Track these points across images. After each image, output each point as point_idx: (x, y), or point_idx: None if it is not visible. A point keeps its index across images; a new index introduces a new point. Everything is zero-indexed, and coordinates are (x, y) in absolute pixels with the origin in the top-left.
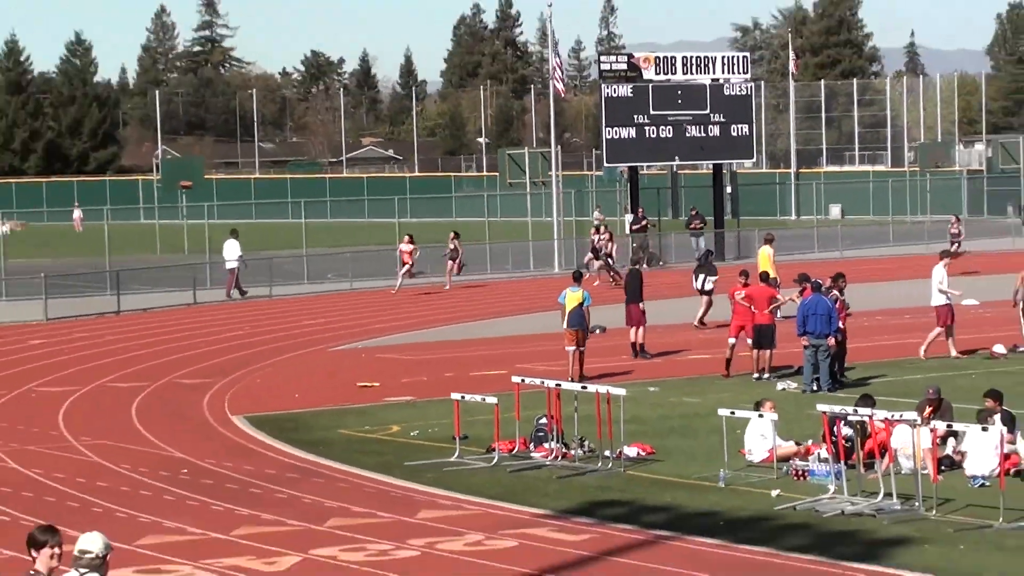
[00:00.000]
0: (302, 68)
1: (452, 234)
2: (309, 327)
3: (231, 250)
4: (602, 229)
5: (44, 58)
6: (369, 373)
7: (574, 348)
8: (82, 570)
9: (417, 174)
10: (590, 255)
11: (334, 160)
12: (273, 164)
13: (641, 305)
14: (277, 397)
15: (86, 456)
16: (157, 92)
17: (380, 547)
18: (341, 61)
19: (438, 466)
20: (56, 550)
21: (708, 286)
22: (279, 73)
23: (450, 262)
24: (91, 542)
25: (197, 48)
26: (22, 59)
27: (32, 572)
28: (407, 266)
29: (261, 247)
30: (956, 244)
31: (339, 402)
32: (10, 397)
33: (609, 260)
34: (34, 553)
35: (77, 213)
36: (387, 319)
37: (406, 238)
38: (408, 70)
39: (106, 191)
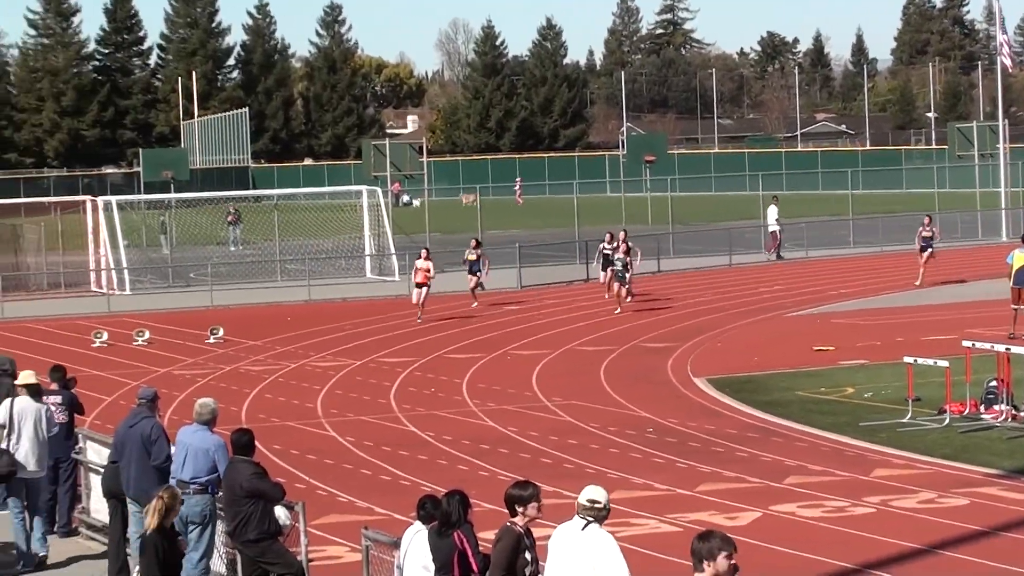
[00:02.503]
0: (758, 48)
1: (473, 242)
2: (767, 294)
3: (772, 215)
4: (608, 238)
5: (517, 42)
6: (824, 337)
7: (1021, 307)
8: (588, 518)
9: (868, 147)
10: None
11: (789, 135)
12: (731, 139)
13: None
14: (737, 360)
15: (557, 415)
16: (622, 72)
17: (836, 504)
18: (796, 41)
19: (891, 427)
20: (537, 503)
21: None
22: (737, 53)
23: (471, 276)
24: (599, 493)
25: (660, 31)
26: (497, 44)
27: (509, 523)
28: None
29: (719, 219)
30: None
31: (795, 365)
32: (488, 360)
33: (626, 275)
34: (518, 508)
35: (517, 186)
36: (841, 286)
37: (423, 253)
38: (859, 48)
39: (575, 166)
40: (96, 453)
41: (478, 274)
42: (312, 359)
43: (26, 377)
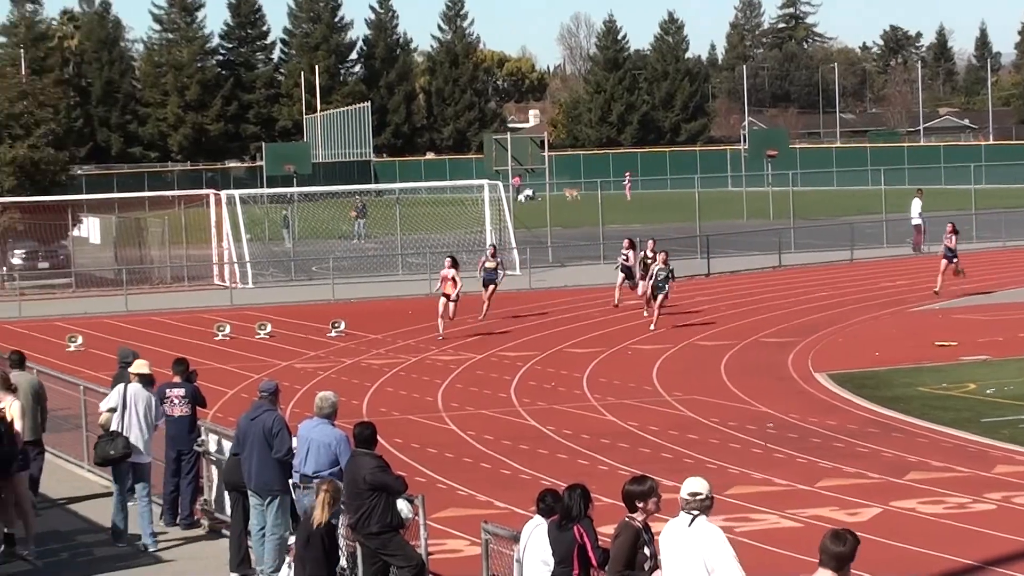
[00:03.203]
0: (881, 42)
1: (491, 249)
2: (888, 288)
3: (916, 208)
4: (627, 244)
5: (639, 36)
6: (946, 333)
7: None
8: (693, 512)
9: (991, 142)
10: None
11: (912, 129)
12: (853, 134)
13: None
14: (858, 355)
15: (678, 410)
16: (744, 67)
17: (958, 500)
18: (918, 35)
19: (1014, 423)
20: (656, 498)
21: None
22: (859, 47)
23: (486, 287)
24: (700, 484)
25: (782, 25)
26: (619, 38)
27: (628, 518)
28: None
29: (840, 213)
30: None
31: (917, 360)
32: (608, 354)
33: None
34: (638, 504)
35: (627, 181)
36: (960, 282)
37: (448, 261)
38: (983, 42)
39: (696, 160)
40: (218, 445)
41: (494, 284)
42: (433, 353)
43: (139, 366)
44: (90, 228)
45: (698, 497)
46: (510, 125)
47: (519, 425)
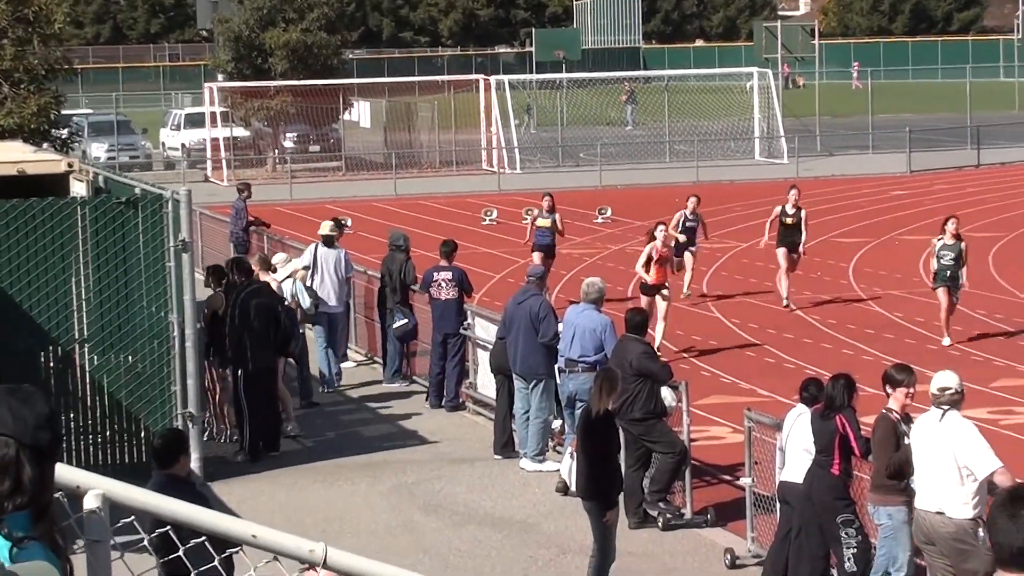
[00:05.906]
0: None
1: (548, 199)
2: None
3: None
4: (696, 203)
5: None
6: None
7: None
8: (944, 407)
9: None
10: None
11: None
12: None
13: None
14: None
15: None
16: None
17: None
18: None
19: None
20: (910, 389)
21: None
22: None
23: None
24: (948, 379)
25: None
26: None
27: (885, 410)
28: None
29: None
30: None
31: None
32: (875, 244)
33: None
34: (889, 391)
35: (855, 72)
36: None
37: (661, 234)
38: None
39: (968, 50)
40: (484, 330)
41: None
42: (700, 240)
43: (323, 228)
44: (361, 112)
45: (947, 392)
46: (780, 13)
47: (783, 314)
